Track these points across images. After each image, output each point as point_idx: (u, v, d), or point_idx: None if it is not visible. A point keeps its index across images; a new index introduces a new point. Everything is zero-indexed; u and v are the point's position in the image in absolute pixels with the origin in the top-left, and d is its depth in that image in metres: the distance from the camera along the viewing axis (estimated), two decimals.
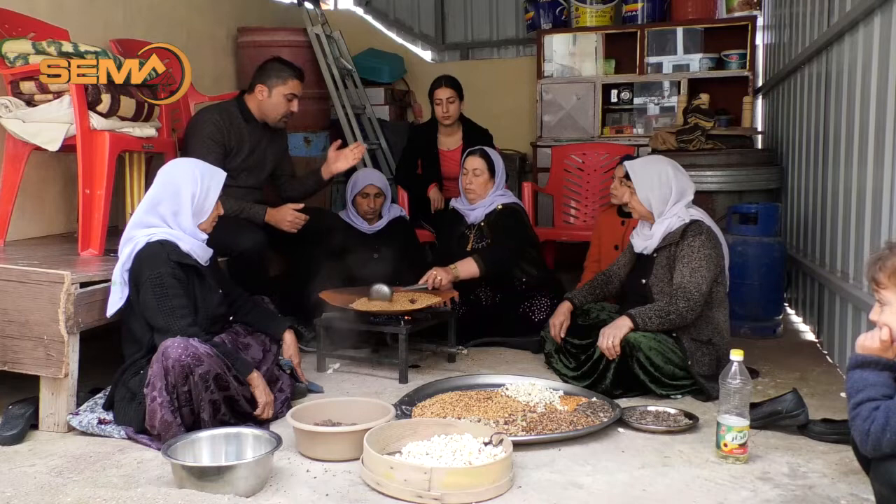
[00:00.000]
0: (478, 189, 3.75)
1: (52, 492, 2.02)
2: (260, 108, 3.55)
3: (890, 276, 1.70)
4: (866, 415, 1.64)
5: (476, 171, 3.75)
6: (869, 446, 1.64)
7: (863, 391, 1.67)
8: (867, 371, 1.70)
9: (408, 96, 6.41)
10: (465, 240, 3.79)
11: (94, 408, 2.54)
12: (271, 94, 3.52)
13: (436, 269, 3.38)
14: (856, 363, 1.73)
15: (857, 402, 1.67)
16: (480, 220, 3.77)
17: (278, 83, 3.51)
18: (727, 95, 5.36)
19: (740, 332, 3.63)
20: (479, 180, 3.74)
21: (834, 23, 3.40)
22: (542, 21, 6.21)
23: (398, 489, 2.00)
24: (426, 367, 3.26)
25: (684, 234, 2.91)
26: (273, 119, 3.57)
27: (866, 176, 2.92)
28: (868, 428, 1.63)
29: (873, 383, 1.67)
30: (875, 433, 1.61)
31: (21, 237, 3.29)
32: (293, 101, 3.57)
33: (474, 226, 3.79)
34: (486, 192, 3.76)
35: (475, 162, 3.76)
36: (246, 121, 3.54)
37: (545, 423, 2.44)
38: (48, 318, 2.43)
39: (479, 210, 3.77)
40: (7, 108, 2.93)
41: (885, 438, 1.60)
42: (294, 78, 3.55)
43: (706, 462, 2.26)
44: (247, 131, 3.53)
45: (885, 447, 1.61)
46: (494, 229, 3.70)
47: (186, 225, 2.60)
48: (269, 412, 2.52)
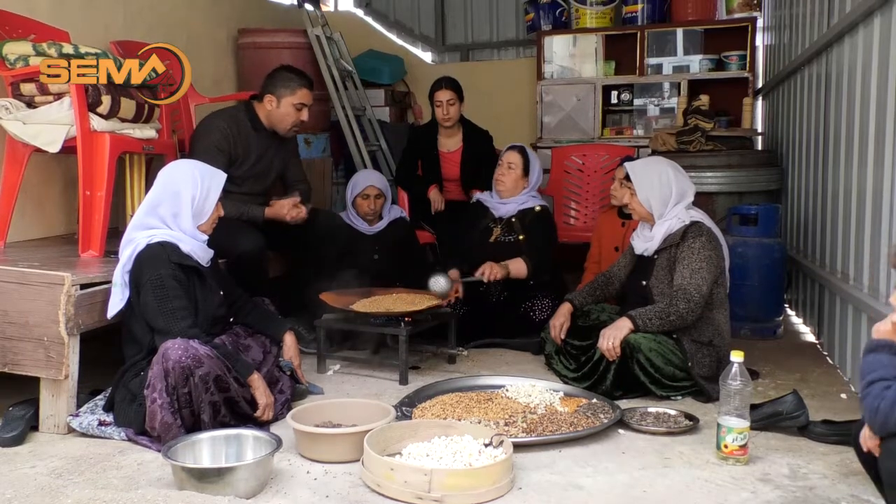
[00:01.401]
0: (508, 183, 3.76)
1: (52, 493, 2.03)
2: (269, 118, 3.51)
3: None
4: (877, 392, 1.66)
5: (511, 165, 3.76)
6: (877, 423, 1.67)
7: (875, 371, 1.70)
8: (881, 354, 1.73)
9: (408, 97, 6.41)
10: (489, 232, 3.79)
11: (95, 409, 2.54)
12: (280, 104, 3.46)
13: (490, 264, 3.46)
14: (869, 348, 1.77)
15: (868, 382, 1.70)
16: (511, 215, 3.77)
17: (286, 93, 3.45)
18: (727, 96, 5.37)
19: (741, 333, 3.63)
20: (511, 174, 3.75)
21: (833, 24, 3.40)
22: (542, 22, 6.22)
23: (398, 491, 1.99)
24: (426, 369, 3.26)
25: (685, 236, 2.91)
26: (283, 129, 3.52)
27: (866, 177, 2.92)
28: (878, 405, 1.65)
29: (886, 364, 1.70)
30: (884, 410, 1.64)
31: (21, 239, 3.29)
32: (303, 110, 3.50)
33: (502, 219, 3.79)
34: (517, 189, 3.78)
35: (512, 156, 3.79)
36: (254, 129, 3.49)
37: (545, 425, 2.44)
38: (48, 320, 2.43)
39: (512, 205, 3.78)
40: (7, 110, 2.93)
41: (894, 415, 1.62)
42: (303, 87, 3.49)
43: (706, 463, 2.26)
44: (254, 140, 3.49)
45: (892, 425, 1.64)
46: (531, 231, 3.72)
47: (186, 226, 2.60)
48: (269, 414, 2.51)
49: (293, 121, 3.51)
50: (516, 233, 3.74)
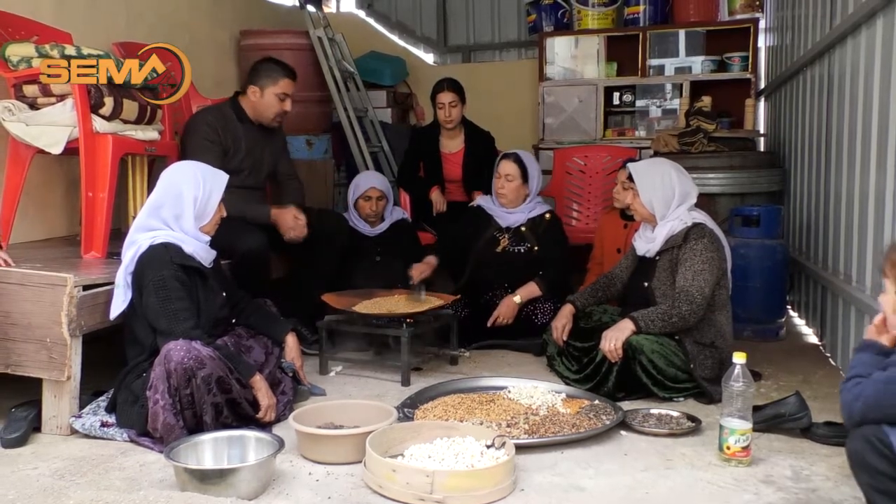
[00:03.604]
0: (510, 194, 3.72)
1: (54, 494, 2.03)
2: (254, 109, 3.56)
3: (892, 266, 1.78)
4: (850, 387, 1.75)
5: (509, 177, 3.72)
6: (845, 416, 1.76)
7: (853, 369, 1.78)
8: (865, 353, 1.81)
9: (410, 99, 6.41)
10: (495, 242, 3.76)
11: (97, 410, 2.54)
12: (263, 94, 3.53)
13: (504, 308, 3.47)
14: (858, 347, 1.85)
15: (848, 377, 1.78)
16: (520, 224, 3.75)
17: (269, 83, 3.52)
18: (729, 98, 5.36)
19: (743, 334, 3.62)
20: (511, 185, 3.71)
21: (836, 25, 3.40)
22: (544, 23, 6.21)
23: (400, 492, 1.99)
24: (428, 370, 3.26)
25: (687, 237, 2.91)
26: (267, 119, 3.58)
27: (869, 178, 2.92)
28: (848, 399, 1.74)
29: (865, 362, 1.77)
30: (848, 402, 1.73)
31: (24, 240, 3.29)
32: (285, 100, 3.56)
33: (509, 229, 3.77)
34: (519, 198, 3.75)
35: (508, 167, 3.73)
36: (240, 121, 3.55)
37: (547, 426, 2.43)
38: (51, 321, 2.43)
39: (519, 215, 3.75)
40: (10, 112, 2.93)
41: (856, 407, 1.71)
42: (285, 77, 3.55)
43: (709, 465, 2.25)
44: (242, 131, 3.54)
45: (855, 415, 1.72)
46: (545, 242, 3.70)
47: (189, 228, 2.60)
48: (271, 415, 2.52)
49: (276, 111, 3.56)
50: (528, 243, 3.72)
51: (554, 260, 3.67)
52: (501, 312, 3.50)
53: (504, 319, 3.50)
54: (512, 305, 3.50)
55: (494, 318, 3.49)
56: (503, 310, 3.50)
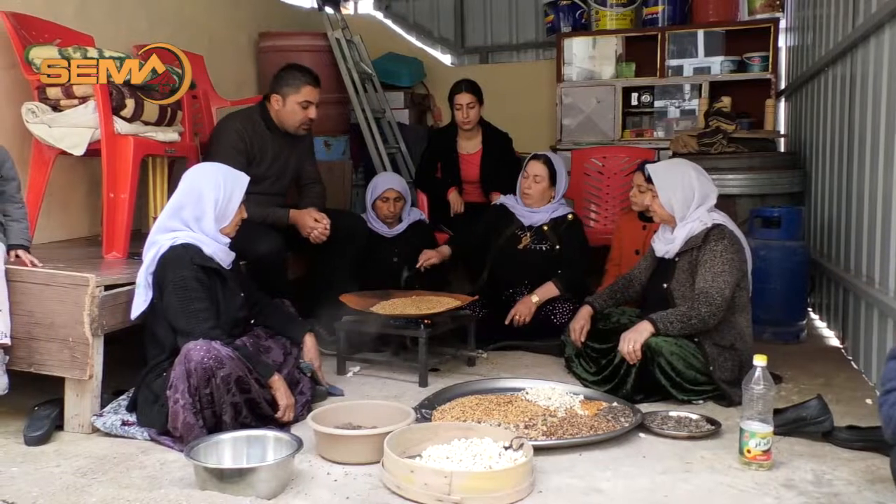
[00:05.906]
0: (535, 195, 3.73)
1: (77, 492, 2.05)
2: (278, 117, 3.53)
3: None
4: (893, 401, 1.66)
5: (537, 178, 3.73)
6: (890, 431, 1.67)
7: (893, 380, 1.70)
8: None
9: (427, 100, 6.42)
10: (517, 240, 3.77)
11: (118, 409, 2.57)
12: (285, 103, 3.48)
13: (521, 307, 3.49)
14: (891, 355, 1.77)
15: (886, 390, 1.69)
16: (542, 223, 3.76)
17: (291, 92, 3.46)
18: (749, 98, 5.31)
19: (763, 337, 3.59)
20: (538, 186, 3.72)
21: (859, 24, 3.36)
22: (562, 24, 6.19)
23: (418, 493, 1.99)
24: (446, 371, 3.26)
25: (706, 239, 2.88)
26: (292, 127, 3.54)
27: (892, 179, 2.88)
28: (890, 413, 1.65)
29: None
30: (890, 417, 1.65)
31: (47, 240, 3.33)
32: (309, 108, 3.50)
33: (532, 227, 3.77)
34: (544, 199, 3.76)
35: (537, 168, 3.74)
36: (269, 129, 3.52)
37: (566, 428, 2.43)
38: (73, 321, 2.46)
39: (542, 214, 3.76)
40: (34, 114, 2.97)
41: None
42: (307, 84, 3.48)
43: (729, 468, 2.23)
44: (269, 139, 3.52)
45: None
46: (566, 242, 3.70)
47: (209, 229, 2.62)
48: (289, 415, 2.53)
49: (300, 119, 3.51)
50: (550, 242, 3.72)
51: (573, 261, 3.66)
52: (519, 311, 3.50)
53: (521, 318, 3.50)
54: (529, 304, 3.51)
55: (511, 317, 3.50)
56: (521, 308, 3.51)
